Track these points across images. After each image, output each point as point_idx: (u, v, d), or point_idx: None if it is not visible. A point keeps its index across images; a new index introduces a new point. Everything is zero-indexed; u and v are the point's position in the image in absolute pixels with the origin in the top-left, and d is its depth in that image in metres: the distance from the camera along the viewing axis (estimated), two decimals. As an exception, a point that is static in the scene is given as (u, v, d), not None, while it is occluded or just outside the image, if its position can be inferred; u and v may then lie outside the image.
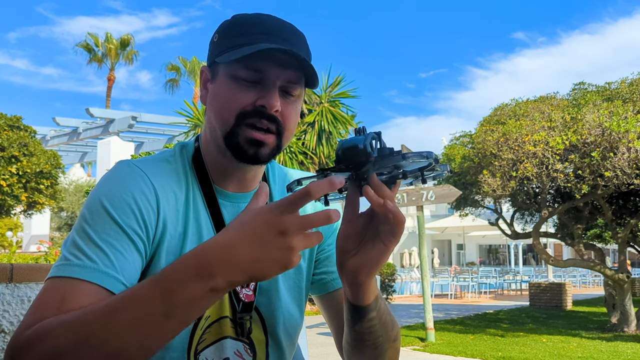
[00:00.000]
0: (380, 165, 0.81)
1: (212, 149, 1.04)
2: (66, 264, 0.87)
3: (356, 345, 0.99)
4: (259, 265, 0.72)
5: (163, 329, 0.73)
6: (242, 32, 0.99)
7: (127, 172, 0.97)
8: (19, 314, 1.66)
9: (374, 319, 0.95)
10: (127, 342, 0.73)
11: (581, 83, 10.27)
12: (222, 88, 0.99)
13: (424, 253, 9.05)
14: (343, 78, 13.12)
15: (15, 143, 15.16)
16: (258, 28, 0.98)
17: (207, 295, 0.72)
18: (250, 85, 0.97)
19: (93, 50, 33.85)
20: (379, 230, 0.85)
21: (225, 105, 0.98)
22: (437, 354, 7.91)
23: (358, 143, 0.80)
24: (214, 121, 1.01)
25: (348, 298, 0.93)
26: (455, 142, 11.16)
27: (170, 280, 0.73)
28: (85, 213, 0.92)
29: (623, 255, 10.57)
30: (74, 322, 0.76)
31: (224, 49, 0.99)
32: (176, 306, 0.72)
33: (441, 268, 26.91)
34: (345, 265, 0.88)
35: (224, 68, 1.00)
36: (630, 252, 14.48)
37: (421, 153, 0.79)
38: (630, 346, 8.42)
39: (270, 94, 0.97)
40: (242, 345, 1.03)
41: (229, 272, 0.72)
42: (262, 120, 0.97)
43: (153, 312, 0.73)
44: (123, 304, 0.75)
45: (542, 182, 8.93)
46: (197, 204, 1.02)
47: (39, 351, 0.76)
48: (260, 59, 0.96)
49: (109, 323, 0.74)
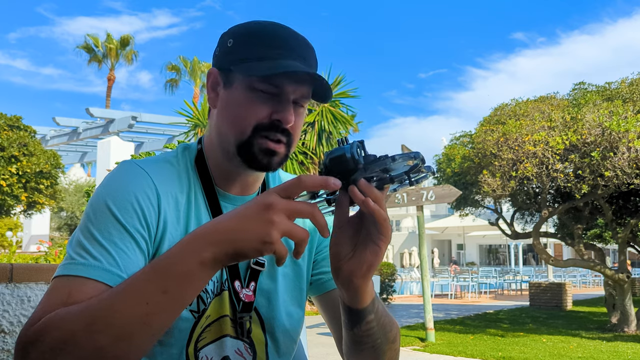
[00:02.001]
0: (369, 170, 0.82)
1: (217, 153, 1.05)
2: (71, 263, 0.89)
3: (355, 347, 1.00)
4: (239, 236, 0.76)
5: (163, 305, 0.77)
6: (261, 43, 1.00)
7: (130, 172, 0.99)
8: (19, 314, 1.66)
9: (372, 322, 0.96)
10: (131, 322, 0.77)
11: (581, 83, 10.27)
12: (238, 97, 1.01)
13: (424, 253, 9.06)
14: (343, 78, 13.12)
15: (15, 143, 15.17)
16: (277, 42, 1.00)
17: (198, 269, 0.77)
18: (267, 97, 0.99)
19: (93, 51, 33.86)
20: (370, 232, 0.87)
21: (242, 116, 1.00)
22: (437, 354, 7.91)
23: (344, 152, 0.81)
24: (227, 129, 1.02)
25: (345, 302, 0.94)
26: (455, 142, 11.16)
27: (165, 257, 0.79)
28: (90, 212, 0.94)
29: (623, 255, 10.57)
30: (80, 310, 0.80)
31: (242, 59, 1.00)
32: (171, 280, 0.77)
33: (441, 268, 26.91)
34: (340, 270, 0.90)
35: (242, 78, 1.01)
36: (630, 252, 14.47)
37: (408, 154, 0.81)
38: (630, 346, 8.42)
39: (286, 110, 1.00)
40: (243, 345, 1.04)
41: (212, 241, 0.77)
42: (277, 134, 1.00)
43: (151, 288, 0.78)
44: (124, 287, 0.80)
45: (542, 182, 8.93)
46: (199, 205, 1.03)
47: (50, 340, 0.78)
48: (282, 76, 0.98)
49: (112, 306, 0.78)
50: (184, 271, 0.77)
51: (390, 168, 0.82)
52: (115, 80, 34.64)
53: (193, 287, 0.78)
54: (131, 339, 0.77)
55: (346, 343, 1.01)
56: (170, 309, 0.78)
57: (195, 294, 0.79)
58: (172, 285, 0.77)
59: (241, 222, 0.76)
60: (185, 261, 0.77)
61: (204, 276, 0.78)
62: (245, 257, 0.77)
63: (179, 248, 0.79)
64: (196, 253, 0.77)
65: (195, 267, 0.77)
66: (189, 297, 0.79)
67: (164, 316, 0.78)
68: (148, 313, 0.77)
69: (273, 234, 0.74)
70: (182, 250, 0.78)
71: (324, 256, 1.15)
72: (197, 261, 0.76)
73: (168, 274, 0.77)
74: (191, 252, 0.77)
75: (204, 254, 0.76)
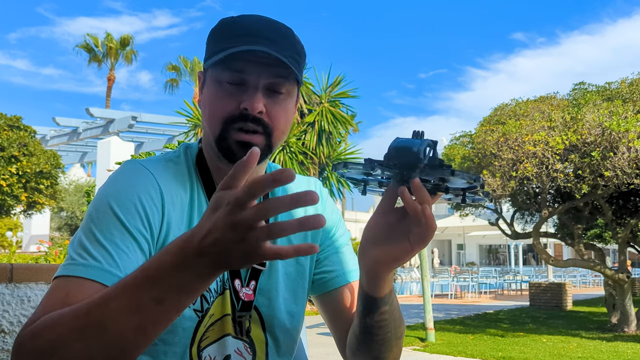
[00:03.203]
0: (427, 173, 0.82)
1: (209, 152, 1.06)
2: (72, 264, 0.89)
3: (364, 339, 1.00)
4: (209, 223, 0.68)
5: (157, 314, 0.74)
6: (225, 35, 1.00)
7: (133, 172, 0.99)
8: (19, 314, 1.66)
9: (386, 313, 0.97)
10: (124, 328, 0.74)
11: (581, 83, 10.26)
12: (209, 93, 1.01)
13: (423, 253, 9.06)
14: (343, 78, 13.13)
15: (15, 143, 15.17)
16: (240, 30, 0.98)
17: (198, 282, 0.72)
18: (234, 88, 0.98)
19: (93, 50, 33.86)
20: (410, 231, 0.87)
21: (212, 111, 1.00)
22: (437, 354, 7.91)
23: (413, 146, 0.80)
24: (207, 127, 1.03)
25: (364, 288, 0.94)
26: (455, 142, 11.16)
27: (158, 265, 0.73)
28: (92, 212, 0.94)
29: (623, 255, 10.57)
30: (73, 312, 0.78)
31: (210, 54, 1.01)
32: (169, 293, 0.72)
33: (441, 268, 26.90)
34: (368, 253, 0.90)
35: (210, 73, 1.01)
36: (630, 252, 14.48)
37: (470, 175, 0.81)
38: (630, 346, 8.42)
39: (252, 96, 0.97)
40: (242, 344, 1.03)
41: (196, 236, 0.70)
42: (247, 124, 0.98)
43: (146, 298, 0.73)
44: (116, 291, 0.76)
45: (542, 182, 8.93)
46: (202, 205, 1.03)
47: (41, 342, 0.78)
48: (241, 60, 0.96)
49: (104, 311, 0.75)
50: (182, 283, 0.72)
51: (447, 179, 0.82)
52: (115, 80, 34.65)
53: (192, 297, 0.75)
54: (123, 347, 0.76)
55: (355, 334, 1.01)
56: (165, 318, 0.76)
57: (190, 301, 0.75)
58: (169, 297, 0.73)
59: (212, 215, 0.69)
60: (182, 274, 0.71)
61: (202, 287, 0.74)
62: (238, 268, 0.72)
63: (171, 258, 0.72)
64: (188, 264, 0.71)
65: (194, 280, 0.72)
66: (186, 306, 0.76)
67: (160, 324, 0.76)
68: (141, 322, 0.74)
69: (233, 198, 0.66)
70: (178, 262, 0.71)
71: (326, 255, 1.15)
72: (195, 274, 0.72)
73: (163, 285, 0.72)
74: (185, 262, 0.71)
75: (202, 270, 0.71)
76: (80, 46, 33.79)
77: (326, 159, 12.63)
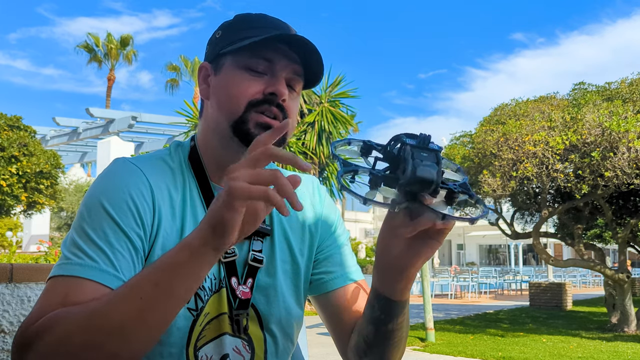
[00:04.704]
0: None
1: (214, 142, 1.04)
2: (67, 263, 0.88)
3: (378, 343, 0.99)
4: (213, 208, 0.75)
5: (156, 299, 0.78)
6: (249, 26, 1.02)
7: (123, 169, 0.98)
8: (19, 314, 1.66)
9: (406, 314, 0.97)
10: (126, 318, 0.78)
11: (581, 83, 10.27)
12: (229, 78, 1.01)
13: (424, 253, 9.04)
14: (343, 78, 13.14)
15: (15, 143, 15.16)
16: (265, 22, 1.02)
17: (187, 257, 0.77)
18: (258, 75, 1.00)
19: (93, 50, 33.88)
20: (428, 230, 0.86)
21: (234, 94, 1.00)
22: (437, 354, 7.91)
23: (436, 178, 0.79)
24: (219, 112, 1.02)
25: (386, 295, 0.94)
26: (455, 142, 11.16)
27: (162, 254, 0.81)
28: (84, 211, 0.93)
29: (623, 255, 10.57)
30: (80, 311, 0.80)
31: (230, 42, 1.01)
32: (161, 272, 0.78)
33: (441, 268, 26.89)
34: (394, 255, 0.89)
35: (232, 59, 1.01)
36: (630, 252, 14.47)
37: (471, 194, 0.85)
38: (630, 346, 8.42)
39: (280, 83, 0.99)
40: (241, 342, 1.03)
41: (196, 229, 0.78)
42: (271, 108, 0.99)
43: (143, 282, 0.78)
44: (124, 285, 0.81)
45: (542, 182, 8.93)
46: (194, 201, 1.02)
47: (49, 339, 0.79)
48: (270, 49, 0.99)
49: (109, 303, 0.79)
50: (172, 262, 0.78)
51: (455, 195, 0.86)
52: (115, 80, 34.67)
53: (181, 277, 0.77)
54: (127, 336, 0.78)
55: (366, 339, 1.00)
56: (163, 303, 0.78)
57: (186, 285, 0.78)
58: (162, 277, 0.77)
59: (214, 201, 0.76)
60: (174, 251, 0.78)
61: (192, 265, 0.77)
62: (227, 227, 0.74)
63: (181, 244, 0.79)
64: (185, 242, 0.78)
65: (184, 256, 0.77)
66: (180, 290, 0.78)
67: (159, 311, 0.78)
68: (142, 308, 0.77)
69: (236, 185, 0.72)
70: (177, 245, 0.79)
71: (325, 255, 1.13)
72: (186, 249, 0.77)
73: (158, 266, 0.79)
74: (182, 243, 0.78)
75: (191, 241, 0.77)
76: (81, 46, 33.82)
77: (326, 159, 12.62)
